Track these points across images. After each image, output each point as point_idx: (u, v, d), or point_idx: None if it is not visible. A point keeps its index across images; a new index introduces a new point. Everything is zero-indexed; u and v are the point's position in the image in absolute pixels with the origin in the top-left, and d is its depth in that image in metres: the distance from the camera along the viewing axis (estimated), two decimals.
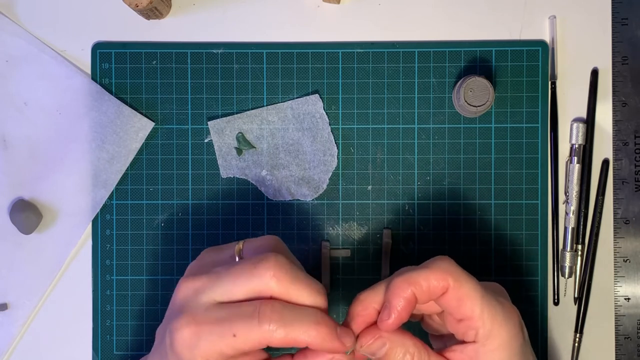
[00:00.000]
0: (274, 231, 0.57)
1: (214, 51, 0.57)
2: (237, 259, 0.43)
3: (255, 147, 0.57)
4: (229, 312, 0.40)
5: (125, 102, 0.57)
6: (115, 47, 0.57)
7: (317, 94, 0.56)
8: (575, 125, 0.55)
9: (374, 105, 0.57)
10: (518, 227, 0.56)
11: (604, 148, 0.57)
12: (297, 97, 0.57)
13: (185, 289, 0.42)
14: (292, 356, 0.44)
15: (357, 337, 0.43)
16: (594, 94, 0.56)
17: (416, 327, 0.48)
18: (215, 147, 0.57)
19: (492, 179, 0.56)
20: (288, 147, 0.56)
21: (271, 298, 0.41)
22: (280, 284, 0.41)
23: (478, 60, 0.56)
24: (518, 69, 0.56)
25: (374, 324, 0.43)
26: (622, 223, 0.56)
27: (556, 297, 0.56)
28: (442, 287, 0.42)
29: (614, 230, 0.56)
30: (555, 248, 0.56)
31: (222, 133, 0.57)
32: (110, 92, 0.57)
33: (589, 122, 0.56)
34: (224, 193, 0.57)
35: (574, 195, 0.55)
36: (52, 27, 0.57)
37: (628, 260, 0.56)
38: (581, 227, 0.56)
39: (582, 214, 0.56)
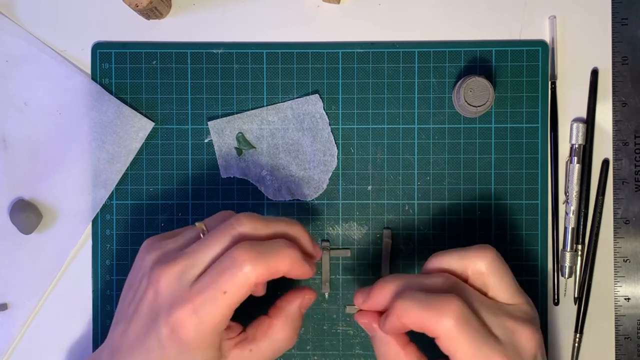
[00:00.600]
0: None
1: (214, 51, 0.57)
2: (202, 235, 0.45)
3: (255, 147, 0.57)
4: (210, 275, 0.42)
5: (125, 102, 0.57)
6: (115, 47, 0.57)
7: (317, 94, 0.56)
8: (575, 125, 0.55)
9: (374, 105, 0.57)
10: (518, 227, 0.56)
11: (604, 148, 0.57)
12: (297, 97, 0.57)
13: (166, 278, 0.43)
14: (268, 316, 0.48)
15: (359, 310, 0.46)
16: (594, 94, 0.56)
17: None
18: (215, 147, 0.57)
19: (492, 179, 0.56)
20: (288, 147, 0.56)
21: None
22: (251, 222, 0.44)
23: (478, 60, 0.56)
24: (518, 69, 0.56)
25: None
26: (622, 223, 0.56)
27: (556, 297, 0.56)
28: (435, 332, 0.42)
29: (614, 230, 0.56)
30: (555, 248, 0.56)
31: (222, 133, 0.57)
32: (110, 92, 0.57)
33: (589, 122, 0.56)
34: (224, 193, 0.57)
35: (574, 195, 0.55)
36: (52, 27, 0.57)
37: (628, 260, 0.56)
38: (581, 227, 0.56)
39: (582, 214, 0.56)
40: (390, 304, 0.44)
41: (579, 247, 0.56)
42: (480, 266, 0.45)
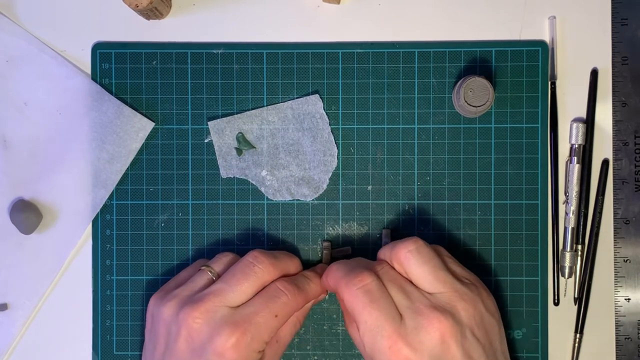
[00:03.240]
0: (274, 231, 0.57)
1: (214, 51, 0.57)
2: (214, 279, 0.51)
3: (255, 147, 0.57)
4: (257, 303, 0.48)
5: (125, 102, 0.57)
6: (115, 47, 0.57)
7: (317, 94, 0.56)
8: (575, 125, 0.55)
9: (374, 105, 0.57)
10: (518, 227, 0.56)
11: (604, 148, 0.57)
12: (297, 97, 0.57)
13: (199, 315, 0.47)
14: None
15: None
16: (593, 94, 0.56)
17: None
18: (215, 147, 0.57)
19: (492, 179, 0.56)
20: (288, 147, 0.56)
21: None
22: (275, 270, 0.50)
23: (478, 60, 0.56)
24: (518, 69, 0.56)
25: None
26: (622, 223, 0.56)
27: (556, 298, 0.56)
28: (341, 297, 0.48)
29: (614, 231, 0.56)
30: (555, 248, 0.56)
31: (222, 133, 0.57)
32: (110, 92, 0.57)
33: (589, 122, 0.56)
34: (224, 193, 0.57)
35: (574, 195, 0.55)
36: (52, 27, 0.57)
37: (628, 261, 0.56)
38: (581, 227, 0.56)
39: (582, 214, 0.56)
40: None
41: (579, 247, 0.56)
42: (400, 257, 0.48)
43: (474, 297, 0.47)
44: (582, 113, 0.56)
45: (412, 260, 0.48)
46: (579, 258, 0.56)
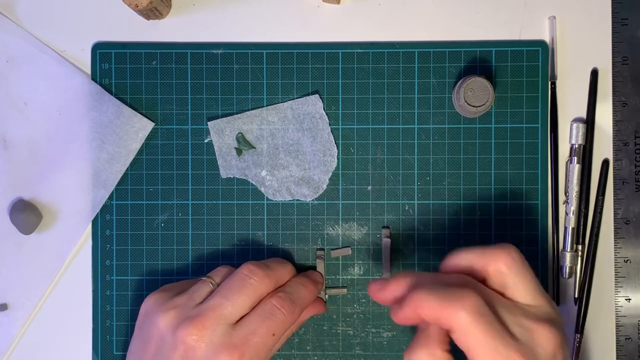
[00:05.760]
0: (274, 231, 0.57)
1: (214, 51, 0.57)
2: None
3: (255, 148, 0.57)
4: (254, 322, 0.48)
5: (125, 102, 0.57)
6: (115, 47, 0.57)
7: (317, 94, 0.56)
8: (575, 125, 0.55)
9: (374, 105, 0.57)
10: (518, 227, 0.56)
11: (604, 148, 0.57)
12: (297, 97, 0.57)
13: (198, 333, 0.47)
14: None
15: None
16: (593, 94, 0.56)
17: None
18: (215, 148, 0.57)
19: (492, 179, 0.56)
20: (288, 147, 0.56)
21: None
22: (270, 282, 0.50)
23: (478, 60, 0.56)
24: (518, 69, 0.56)
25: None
26: (623, 223, 0.56)
27: (556, 298, 0.56)
28: (449, 325, 0.42)
29: (615, 231, 0.56)
30: (555, 248, 0.56)
31: (222, 133, 0.57)
32: (110, 92, 0.57)
33: (589, 122, 0.56)
34: (224, 193, 0.57)
35: (574, 196, 0.55)
36: (52, 27, 0.57)
37: (628, 261, 0.56)
38: (581, 227, 0.56)
39: (582, 214, 0.56)
40: (406, 295, 0.44)
41: (579, 247, 0.56)
42: (500, 266, 0.44)
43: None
44: (582, 113, 0.56)
45: (515, 271, 0.44)
46: (579, 258, 0.56)
